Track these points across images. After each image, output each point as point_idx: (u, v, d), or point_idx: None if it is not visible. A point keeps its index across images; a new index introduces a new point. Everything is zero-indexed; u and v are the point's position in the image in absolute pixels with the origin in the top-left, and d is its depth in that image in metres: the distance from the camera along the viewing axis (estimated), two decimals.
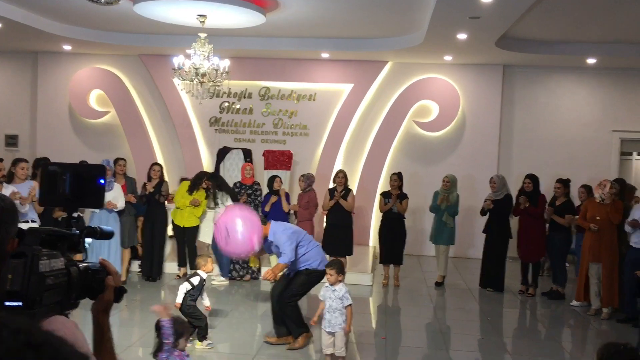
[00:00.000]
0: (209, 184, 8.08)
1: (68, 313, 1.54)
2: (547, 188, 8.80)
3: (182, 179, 8.88)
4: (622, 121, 10.81)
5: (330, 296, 4.87)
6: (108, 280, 1.66)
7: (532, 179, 8.22)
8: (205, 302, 5.60)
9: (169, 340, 3.76)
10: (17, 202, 5.89)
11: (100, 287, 1.64)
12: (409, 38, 9.50)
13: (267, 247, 5.58)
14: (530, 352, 6.06)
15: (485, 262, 8.39)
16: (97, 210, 7.17)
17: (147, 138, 11.34)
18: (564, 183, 8.08)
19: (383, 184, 10.66)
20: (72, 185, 1.61)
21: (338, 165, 10.89)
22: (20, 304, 1.29)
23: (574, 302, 7.62)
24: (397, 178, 8.43)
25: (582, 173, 10.09)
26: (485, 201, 8.27)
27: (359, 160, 11.05)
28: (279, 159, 10.15)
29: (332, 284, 4.91)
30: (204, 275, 5.56)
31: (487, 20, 7.50)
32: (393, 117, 10.93)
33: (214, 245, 8.21)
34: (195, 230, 8.20)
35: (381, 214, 8.57)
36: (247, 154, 10.37)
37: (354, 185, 10.88)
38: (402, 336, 6.39)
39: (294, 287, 5.53)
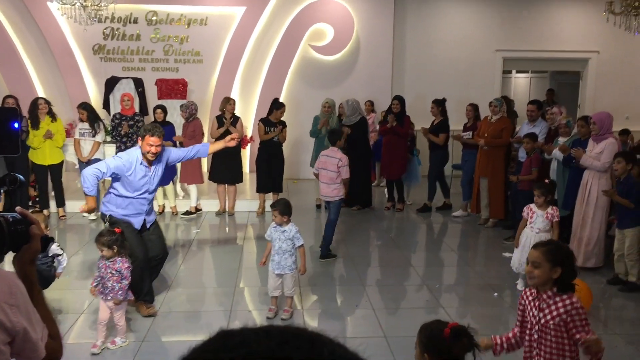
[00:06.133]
0: (45, 107, 7.45)
1: None
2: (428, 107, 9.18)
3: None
4: (504, 41, 11.36)
5: (280, 237, 4.71)
6: (33, 229, 1.56)
7: (400, 100, 8.47)
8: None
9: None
10: None
11: (24, 238, 1.54)
12: None
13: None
14: (431, 262, 6.50)
15: (353, 183, 8.68)
16: None
17: (23, 69, 10.39)
18: (437, 103, 8.41)
19: None
20: None
21: (235, 93, 10.67)
22: None
23: (456, 212, 8.31)
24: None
25: (470, 92, 10.62)
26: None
27: (255, 86, 10.86)
28: (173, 88, 9.75)
29: (279, 224, 4.74)
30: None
31: None
32: (288, 41, 10.75)
33: None
34: (61, 166, 7.77)
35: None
36: (139, 84, 9.83)
37: (251, 112, 10.75)
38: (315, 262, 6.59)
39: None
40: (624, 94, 11.48)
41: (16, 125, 1.53)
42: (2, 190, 1.51)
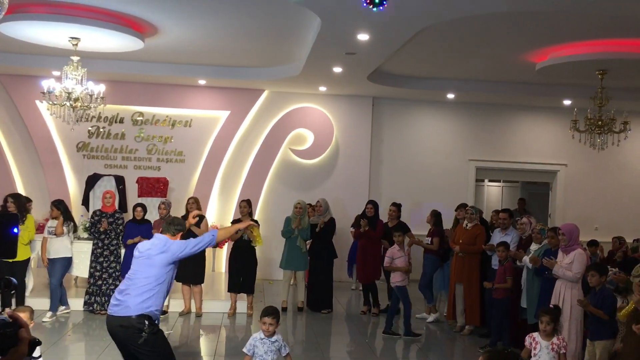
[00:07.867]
0: (11, 206, 7.10)
1: None
2: (409, 212, 9.41)
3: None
4: (477, 151, 11.86)
5: (270, 348, 4.39)
6: (22, 333, 1.59)
7: (374, 204, 8.73)
8: None
9: None
10: None
11: (12, 341, 1.56)
12: (286, 68, 9.75)
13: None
14: None
15: (315, 283, 8.63)
16: None
17: (5, 163, 10.48)
18: (398, 207, 8.70)
19: (260, 212, 10.76)
20: None
21: (215, 193, 10.83)
22: None
23: (430, 318, 8.24)
24: (246, 205, 8.15)
25: (443, 198, 10.89)
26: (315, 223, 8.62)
27: (235, 187, 11.05)
28: (154, 186, 9.87)
29: (270, 336, 4.41)
30: None
31: (362, 56, 7.96)
32: (269, 145, 11.10)
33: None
34: (26, 263, 7.43)
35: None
36: (120, 181, 9.94)
37: (230, 212, 10.86)
38: None
39: None
40: (591, 206, 11.89)
41: (15, 230, 1.61)
42: None
